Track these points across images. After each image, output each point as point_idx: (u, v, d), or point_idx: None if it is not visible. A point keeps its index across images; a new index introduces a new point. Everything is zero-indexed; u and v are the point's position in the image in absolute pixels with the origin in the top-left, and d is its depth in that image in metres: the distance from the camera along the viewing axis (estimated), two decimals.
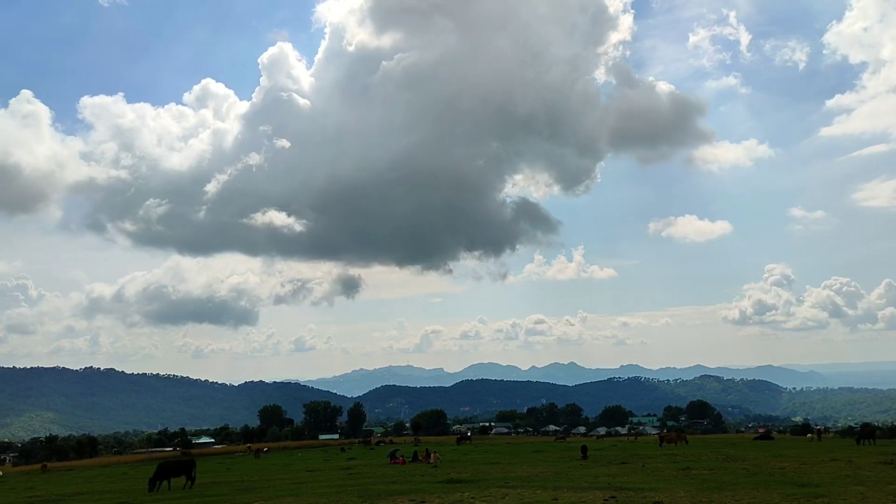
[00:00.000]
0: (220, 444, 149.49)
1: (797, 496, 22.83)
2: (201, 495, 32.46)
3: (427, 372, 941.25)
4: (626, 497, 23.47)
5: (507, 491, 26.13)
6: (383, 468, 45.94)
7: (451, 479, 32.10)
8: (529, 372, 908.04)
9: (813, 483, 27.12)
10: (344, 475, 40.55)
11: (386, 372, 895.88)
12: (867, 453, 46.73)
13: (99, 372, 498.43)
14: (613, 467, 38.95)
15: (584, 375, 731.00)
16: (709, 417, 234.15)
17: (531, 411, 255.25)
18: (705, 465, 38.77)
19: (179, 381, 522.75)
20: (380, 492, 27.87)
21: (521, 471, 37.67)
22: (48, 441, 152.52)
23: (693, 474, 32.47)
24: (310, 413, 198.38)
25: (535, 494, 24.74)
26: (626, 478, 31.46)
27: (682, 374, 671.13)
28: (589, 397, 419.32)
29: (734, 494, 23.79)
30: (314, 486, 32.85)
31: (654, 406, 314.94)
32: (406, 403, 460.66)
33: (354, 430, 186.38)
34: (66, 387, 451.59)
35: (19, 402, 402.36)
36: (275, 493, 30.20)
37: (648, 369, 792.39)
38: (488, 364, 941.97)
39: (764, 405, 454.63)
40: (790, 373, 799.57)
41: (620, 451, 60.71)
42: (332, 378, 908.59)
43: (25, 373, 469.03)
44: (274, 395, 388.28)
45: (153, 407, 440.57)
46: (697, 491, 24.91)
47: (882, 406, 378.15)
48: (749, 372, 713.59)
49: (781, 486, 25.98)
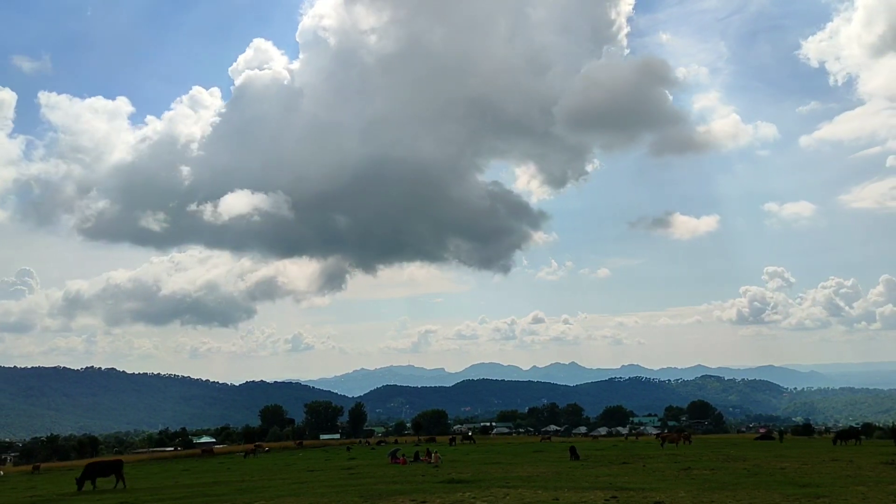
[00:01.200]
0: (221, 445, 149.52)
1: (798, 496, 22.83)
2: (203, 495, 32.48)
3: (428, 372, 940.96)
4: (627, 497, 23.47)
5: (507, 491, 26.13)
6: (384, 468, 45.96)
7: (452, 479, 32.11)
8: (530, 372, 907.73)
9: (814, 483, 27.12)
10: (345, 475, 40.57)
11: (387, 372, 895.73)
12: (868, 454, 46.73)
13: (100, 371, 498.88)
14: (614, 467, 38.97)
15: (584, 375, 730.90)
16: (710, 417, 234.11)
17: (532, 411, 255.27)
18: (706, 465, 38.79)
19: (180, 380, 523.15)
20: (381, 492, 27.88)
21: (523, 471, 37.69)
22: (49, 441, 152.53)
23: (694, 474, 32.49)
24: (311, 413, 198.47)
25: (535, 494, 24.74)
26: (627, 478, 31.47)
27: (682, 374, 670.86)
28: (590, 397, 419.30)
29: (735, 494, 23.79)
30: (315, 486, 32.86)
31: (655, 406, 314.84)
32: (407, 403, 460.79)
33: (355, 431, 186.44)
34: (67, 386, 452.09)
35: (20, 402, 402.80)
36: (275, 494, 30.20)
37: (649, 369, 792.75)
38: (489, 364, 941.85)
39: (765, 405, 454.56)
40: (791, 373, 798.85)
41: (621, 451, 60.74)
42: (334, 378, 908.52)
43: (26, 372, 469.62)
44: (275, 395, 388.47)
45: (154, 407, 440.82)
46: (698, 491, 24.91)
47: (883, 406, 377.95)
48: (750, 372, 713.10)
49: (782, 487, 25.98)
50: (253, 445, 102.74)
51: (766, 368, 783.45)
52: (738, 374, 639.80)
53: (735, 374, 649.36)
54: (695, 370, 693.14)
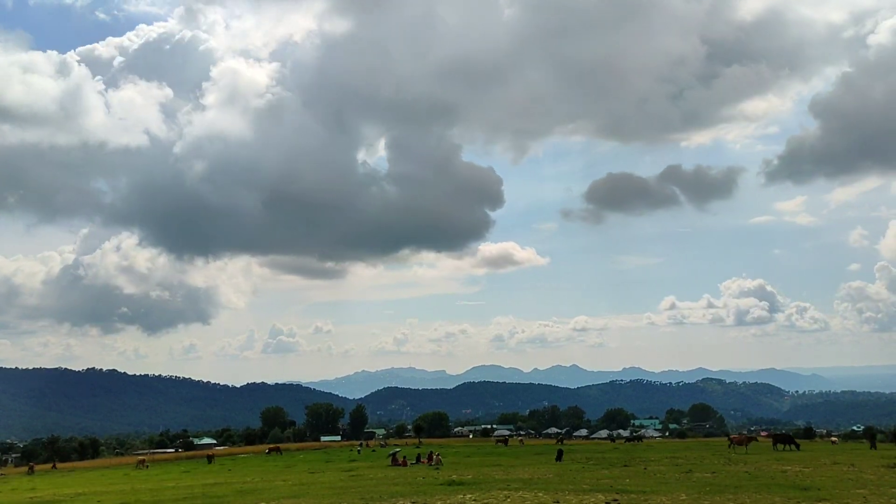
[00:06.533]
0: (222, 446, 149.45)
1: (799, 499, 22.80)
2: (203, 496, 32.48)
3: (429, 374, 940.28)
4: (627, 500, 23.45)
5: (508, 493, 26.11)
6: (385, 470, 45.94)
7: (452, 482, 32.09)
8: (531, 374, 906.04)
9: (815, 486, 27.09)
10: (346, 477, 40.55)
11: (388, 374, 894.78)
12: (870, 457, 46.68)
13: (101, 373, 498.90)
14: (615, 470, 38.91)
15: (585, 378, 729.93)
16: (711, 420, 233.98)
17: (533, 413, 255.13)
18: (707, 468, 38.72)
19: (181, 382, 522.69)
20: (381, 494, 27.86)
21: (523, 473, 37.66)
22: (50, 442, 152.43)
23: (695, 477, 32.44)
24: (311, 415, 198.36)
25: (536, 497, 24.71)
26: (629, 480, 31.43)
27: (684, 376, 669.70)
28: (591, 399, 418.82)
29: (736, 497, 23.77)
30: (316, 489, 32.86)
31: (656, 408, 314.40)
32: (408, 405, 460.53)
33: (356, 433, 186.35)
34: (68, 387, 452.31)
35: (21, 403, 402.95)
36: (276, 496, 30.20)
37: (650, 371, 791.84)
38: (490, 366, 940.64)
39: (766, 408, 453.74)
40: (793, 376, 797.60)
41: (622, 453, 60.70)
42: (335, 380, 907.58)
43: (28, 374, 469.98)
44: (276, 397, 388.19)
45: (155, 408, 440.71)
46: (699, 494, 24.88)
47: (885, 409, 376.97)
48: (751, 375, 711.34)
49: (784, 490, 25.95)
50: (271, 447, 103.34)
51: (767, 371, 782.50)
52: (739, 377, 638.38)
53: (736, 376, 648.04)
54: (696, 373, 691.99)
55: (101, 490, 43.04)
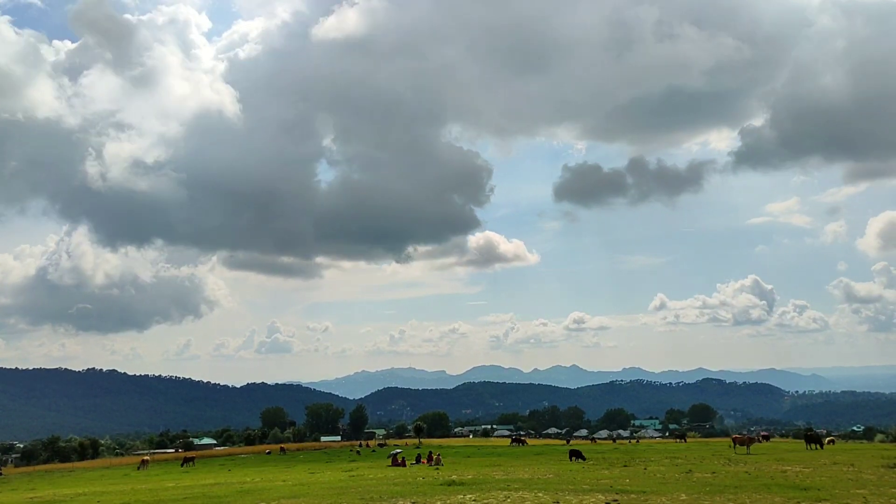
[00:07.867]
0: (222, 447, 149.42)
1: (799, 499, 22.81)
2: (203, 496, 32.47)
3: (429, 374, 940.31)
4: (627, 500, 23.45)
5: (508, 493, 26.12)
6: (385, 470, 45.95)
7: (452, 482, 32.10)
8: (531, 374, 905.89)
9: (815, 486, 27.08)
10: (346, 477, 40.56)
11: (388, 374, 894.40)
12: (870, 457, 46.65)
13: (101, 373, 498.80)
14: (615, 470, 38.91)
15: (585, 378, 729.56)
16: (711, 420, 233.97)
17: (533, 414, 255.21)
18: (707, 468, 38.71)
19: (181, 382, 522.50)
20: (381, 494, 27.86)
21: (523, 473, 37.67)
22: (50, 442, 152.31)
23: (695, 478, 32.43)
24: (312, 415, 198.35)
25: (536, 497, 24.72)
26: (629, 481, 31.42)
27: (683, 377, 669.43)
28: (591, 400, 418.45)
29: (736, 498, 23.77)
30: (315, 489, 32.85)
31: (655, 409, 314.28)
32: (408, 406, 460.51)
33: (356, 433, 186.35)
34: (68, 388, 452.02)
35: (21, 404, 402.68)
36: (276, 496, 30.19)
37: (650, 372, 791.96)
38: (490, 366, 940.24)
39: (766, 408, 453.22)
40: (793, 376, 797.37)
41: (623, 454, 60.68)
42: (335, 380, 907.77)
43: (27, 374, 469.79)
44: (276, 397, 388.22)
45: (155, 409, 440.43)
46: (699, 494, 24.89)
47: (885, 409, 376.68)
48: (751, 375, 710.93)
49: (783, 490, 25.95)
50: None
51: (767, 372, 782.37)
52: (739, 378, 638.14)
53: (736, 377, 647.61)
54: (696, 373, 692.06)
55: (102, 490, 43.05)
